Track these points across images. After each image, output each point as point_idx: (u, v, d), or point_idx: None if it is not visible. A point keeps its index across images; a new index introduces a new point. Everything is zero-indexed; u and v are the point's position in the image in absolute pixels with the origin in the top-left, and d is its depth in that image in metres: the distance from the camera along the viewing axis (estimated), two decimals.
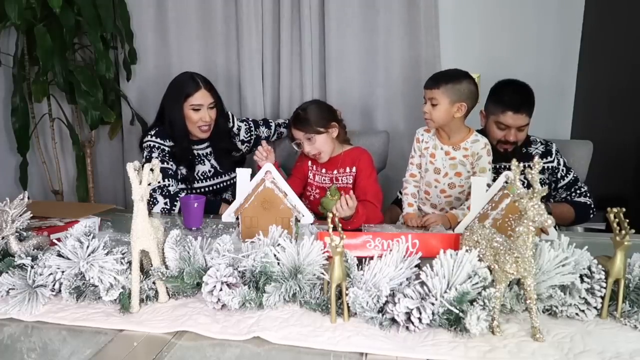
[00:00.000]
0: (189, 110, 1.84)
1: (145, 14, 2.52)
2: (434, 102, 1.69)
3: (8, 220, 1.16)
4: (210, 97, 1.88)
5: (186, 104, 1.84)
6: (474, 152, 1.71)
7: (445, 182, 1.76)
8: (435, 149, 1.76)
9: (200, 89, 1.85)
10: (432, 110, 1.70)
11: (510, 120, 1.79)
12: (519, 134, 1.83)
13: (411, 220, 1.69)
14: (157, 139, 1.87)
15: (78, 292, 1.05)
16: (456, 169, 1.74)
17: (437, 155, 1.76)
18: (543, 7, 2.29)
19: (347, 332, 0.93)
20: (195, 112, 1.85)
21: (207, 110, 1.87)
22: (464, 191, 1.77)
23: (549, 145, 1.93)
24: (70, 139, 2.53)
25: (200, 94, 1.84)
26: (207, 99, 1.86)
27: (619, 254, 0.96)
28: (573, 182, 1.91)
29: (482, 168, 1.70)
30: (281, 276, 1.03)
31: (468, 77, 1.74)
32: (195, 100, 1.84)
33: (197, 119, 1.85)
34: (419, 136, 1.82)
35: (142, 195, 1.00)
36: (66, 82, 2.27)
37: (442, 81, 1.70)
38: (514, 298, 0.98)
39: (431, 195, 1.79)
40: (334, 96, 2.41)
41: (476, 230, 1.03)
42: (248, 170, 1.41)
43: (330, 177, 1.87)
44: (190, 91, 1.84)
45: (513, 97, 1.81)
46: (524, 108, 1.80)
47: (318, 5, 2.36)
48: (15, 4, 2.06)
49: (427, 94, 1.72)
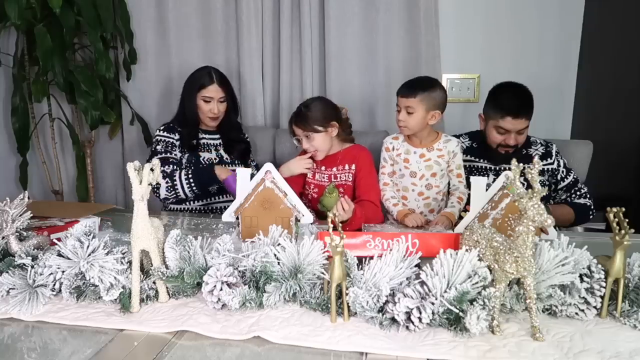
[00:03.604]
0: (200, 100, 2.01)
1: (145, 14, 2.52)
2: (409, 110, 1.73)
3: (8, 220, 1.16)
4: (222, 92, 2.03)
5: (199, 95, 2.01)
6: (449, 150, 1.79)
7: (422, 184, 1.79)
8: (408, 154, 1.80)
9: (213, 84, 2.01)
10: (407, 118, 1.74)
11: (509, 125, 1.78)
12: (519, 137, 1.82)
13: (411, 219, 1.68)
14: (164, 133, 2.02)
15: (78, 292, 1.05)
16: (432, 169, 1.78)
17: (411, 159, 1.80)
18: (543, 7, 2.29)
19: (347, 332, 0.93)
20: (206, 103, 2.02)
21: (216, 103, 2.02)
22: (440, 191, 1.82)
23: (549, 147, 1.92)
24: (70, 139, 2.53)
25: (212, 87, 2.01)
26: (218, 94, 2.02)
27: (618, 254, 0.96)
28: (573, 184, 1.91)
29: (458, 165, 1.79)
30: (281, 276, 1.03)
31: (440, 85, 1.80)
32: (207, 92, 2.00)
33: (206, 110, 2.02)
34: (388, 145, 1.86)
35: (142, 195, 1.00)
36: (66, 82, 2.27)
37: (419, 90, 1.72)
38: (513, 298, 0.98)
39: (409, 200, 1.81)
40: (334, 95, 2.41)
41: (476, 229, 1.03)
42: (248, 170, 1.41)
43: (329, 174, 1.88)
44: (204, 83, 2.01)
45: (512, 102, 1.79)
46: (523, 112, 1.78)
47: (318, 5, 2.36)
48: (15, 4, 2.06)
49: (402, 102, 1.74)
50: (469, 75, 2.41)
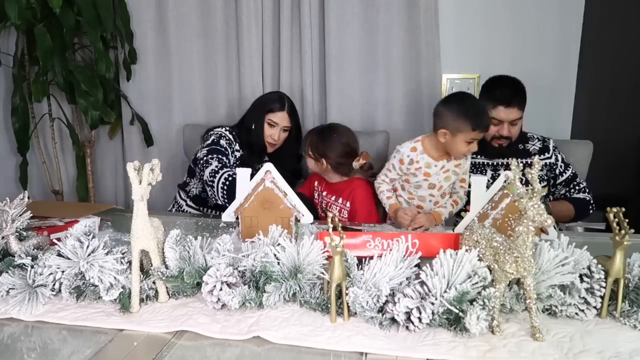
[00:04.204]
0: (266, 123, 2.00)
1: (145, 14, 2.52)
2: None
3: (8, 220, 1.16)
4: (288, 121, 2.03)
5: (267, 117, 2.00)
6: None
7: (439, 194, 1.77)
8: (429, 167, 1.72)
9: (283, 111, 2.01)
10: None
11: (502, 114, 1.80)
12: (512, 128, 1.83)
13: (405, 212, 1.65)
14: (229, 134, 2.00)
15: (78, 292, 1.05)
16: (450, 180, 1.75)
17: (432, 172, 1.73)
18: (543, 7, 2.29)
19: (347, 332, 0.93)
20: (270, 127, 2.01)
21: (280, 130, 2.02)
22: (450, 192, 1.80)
23: (547, 141, 1.93)
24: (70, 139, 2.53)
25: (281, 114, 2.00)
26: (284, 122, 2.02)
27: (618, 254, 0.96)
28: (572, 178, 1.92)
29: (465, 170, 1.76)
30: (281, 276, 1.03)
31: None
32: (274, 117, 2.00)
33: (268, 134, 2.01)
34: (404, 158, 1.72)
35: (142, 195, 1.00)
36: (66, 82, 2.27)
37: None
38: (513, 298, 0.98)
39: (424, 209, 1.79)
40: (334, 96, 2.41)
41: (476, 230, 1.03)
42: (248, 170, 1.41)
43: (327, 202, 1.93)
44: (274, 108, 2.00)
45: (504, 92, 1.81)
46: (516, 101, 1.80)
47: (318, 5, 2.36)
48: (15, 4, 2.06)
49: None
50: (469, 75, 2.41)
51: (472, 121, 1.57)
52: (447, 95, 1.96)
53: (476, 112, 1.61)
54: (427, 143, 1.72)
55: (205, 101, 2.59)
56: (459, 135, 1.60)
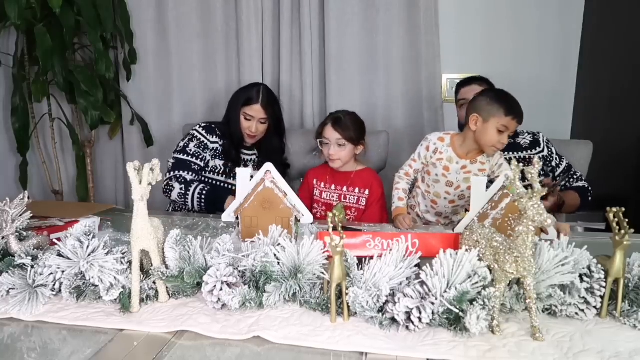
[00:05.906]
0: (242, 116, 1.99)
1: (145, 14, 2.53)
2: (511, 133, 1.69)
3: (8, 220, 1.16)
4: (264, 113, 1.99)
5: (242, 110, 1.99)
6: (493, 163, 1.73)
7: (456, 194, 1.76)
8: (450, 162, 1.72)
9: (257, 104, 1.98)
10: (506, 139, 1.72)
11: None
12: None
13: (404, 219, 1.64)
14: (203, 132, 2.01)
15: (78, 292, 1.05)
16: (469, 182, 1.71)
17: (451, 168, 1.72)
18: (543, 7, 2.30)
19: (347, 332, 0.93)
20: (246, 121, 1.99)
21: (256, 122, 1.99)
22: None
23: (537, 135, 1.94)
24: (70, 139, 2.53)
25: (256, 107, 1.98)
26: (259, 114, 1.99)
27: (618, 254, 0.96)
28: (568, 169, 1.93)
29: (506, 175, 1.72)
30: (281, 276, 1.03)
31: None
32: (249, 111, 1.98)
33: (246, 127, 2.00)
34: (431, 145, 1.74)
35: (142, 195, 1.00)
36: (66, 82, 2.28)
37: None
38: (513, 298, 0.98)
39: (438, 205, 1.78)
40: (334, 96, 2.41)
41: (476, 229, 1.03)
42: (248, 170, 1.41)
43: (338, 194, 1.91)
44: (249, 101, 1.98)
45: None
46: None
47: (318, 5, 2.37)
48: (15, 4, 2.07)
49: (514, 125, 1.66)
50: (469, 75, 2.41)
51: (506, 105, 1.56)
52: None
53: (511, 99, 1.61)
54: (455, 138, 1.72)
55: (205, 101, 2.60)
56: (491, 121, 1.59)
